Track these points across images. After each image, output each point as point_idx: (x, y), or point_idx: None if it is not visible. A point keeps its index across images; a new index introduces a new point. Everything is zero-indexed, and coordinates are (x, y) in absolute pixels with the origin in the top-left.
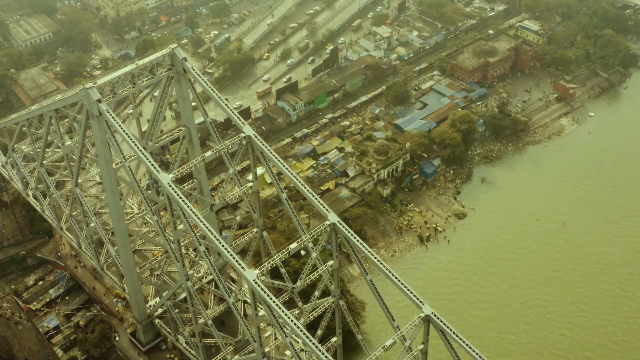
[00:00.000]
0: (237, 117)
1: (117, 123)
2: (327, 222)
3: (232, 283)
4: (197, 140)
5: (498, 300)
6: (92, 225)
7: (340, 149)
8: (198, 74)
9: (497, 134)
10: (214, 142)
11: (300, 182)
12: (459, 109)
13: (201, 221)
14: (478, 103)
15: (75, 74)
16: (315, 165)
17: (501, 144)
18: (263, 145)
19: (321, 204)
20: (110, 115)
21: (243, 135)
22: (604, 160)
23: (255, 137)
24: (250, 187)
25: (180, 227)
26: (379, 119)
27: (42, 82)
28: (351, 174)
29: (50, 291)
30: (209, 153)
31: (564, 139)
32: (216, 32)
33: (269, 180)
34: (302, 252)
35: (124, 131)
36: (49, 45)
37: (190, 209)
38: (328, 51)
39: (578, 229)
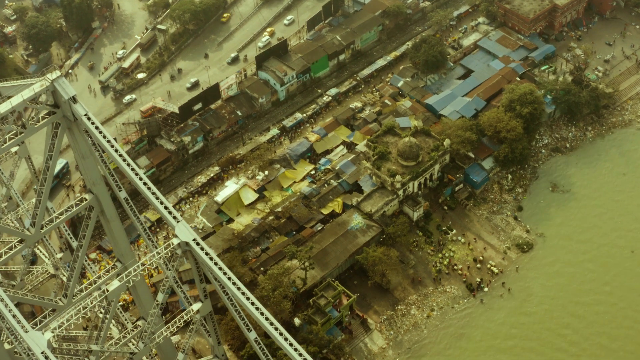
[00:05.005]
0: (168, 211)
1: None
2: None
3: None
4: (112, 210)
5: None
6: None
7: (350, 146)
8: (96, 125)
9: (572, 114)
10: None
11: (278, 330)
12: (517, 79)
13: None
14: (543, 68)
15: None
16: (314, 172)
17: (577, 127)
18: (208, 257)
19: None
20: None
21: (176, 242)
22: None
23: (197, 243)
24: (198, 311)
25: None
26: (403, 96)
27: None
28: (366, 188)
29: None
30: (116, 284)
31: None
32: None
33: (246, 202)
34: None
35: None
36: None
37: None
38: None
39: None
